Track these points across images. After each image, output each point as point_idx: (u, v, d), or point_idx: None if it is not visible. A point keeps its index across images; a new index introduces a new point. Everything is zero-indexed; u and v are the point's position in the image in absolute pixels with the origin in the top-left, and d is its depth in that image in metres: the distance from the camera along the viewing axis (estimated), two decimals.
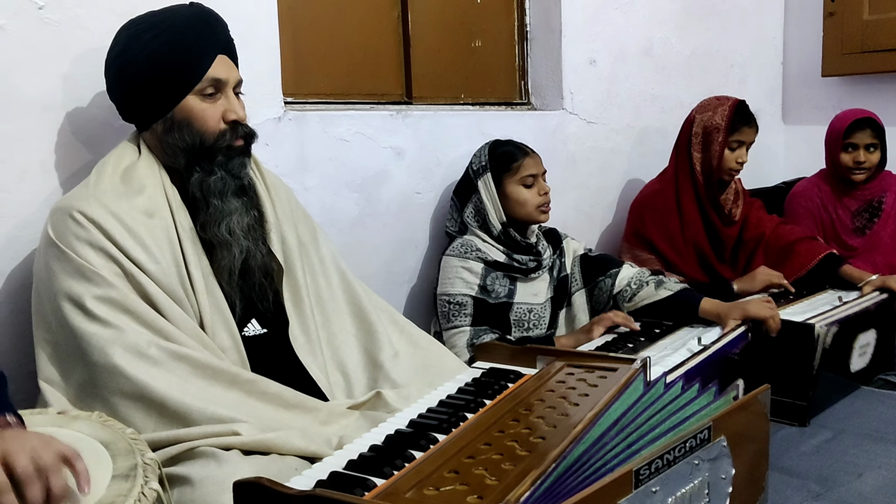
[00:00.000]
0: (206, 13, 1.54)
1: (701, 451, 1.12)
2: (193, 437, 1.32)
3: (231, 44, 1.58)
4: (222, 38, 1.55)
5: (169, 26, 1.48)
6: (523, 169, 2.14)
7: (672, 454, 1.06)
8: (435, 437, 1.17)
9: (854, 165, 2.77)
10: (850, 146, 2.77)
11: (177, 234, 1.49)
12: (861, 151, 2.76)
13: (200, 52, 1.50)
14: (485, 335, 2.01)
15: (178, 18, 1.50)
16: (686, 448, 1.09)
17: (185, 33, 1.49)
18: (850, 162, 2.78)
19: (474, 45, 2.66)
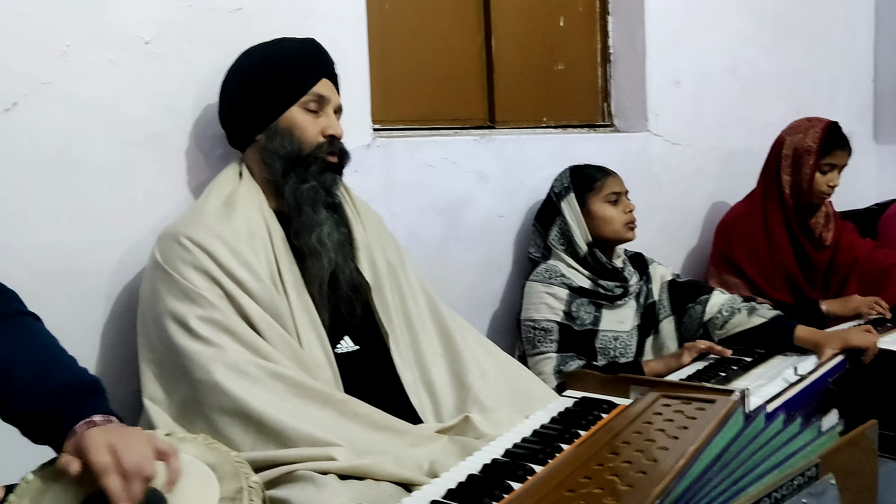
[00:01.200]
0: (315, 44, 1.67)
1: (809, 489, 1.09)
2: (291, 460, 1.36)
3: (335, 75, 1.68)
4: (327, 65, 1.66)
5: (280, 48, 1.63)
6: (606, 186, 2.14)
7: (780, 492, 1.04)
8: (532, 468, 1.17)
9: None
10: None
11: (273, 252, 1.55)
12: None
13: (307, 70, 1.62)
14: (571, 362, 2.00)
15: (289, 43, 1.65)
16: (793, 486, 1.06)
17: (295, 54, 1.62)
18: None
19: (557, 67, 2.66)
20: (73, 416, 1.06)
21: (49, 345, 1.17)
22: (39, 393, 1.08)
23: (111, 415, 1.09)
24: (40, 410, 1.07)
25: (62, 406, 1.07)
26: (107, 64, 1.64)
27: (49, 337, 1.19)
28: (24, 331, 1.17)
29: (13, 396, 1.08)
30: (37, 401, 1.07)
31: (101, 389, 1.13)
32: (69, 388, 1.09)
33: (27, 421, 1.09)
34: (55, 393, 1.08)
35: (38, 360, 1.12)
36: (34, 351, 1.13)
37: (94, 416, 1.06)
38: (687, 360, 2.00)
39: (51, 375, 1.10)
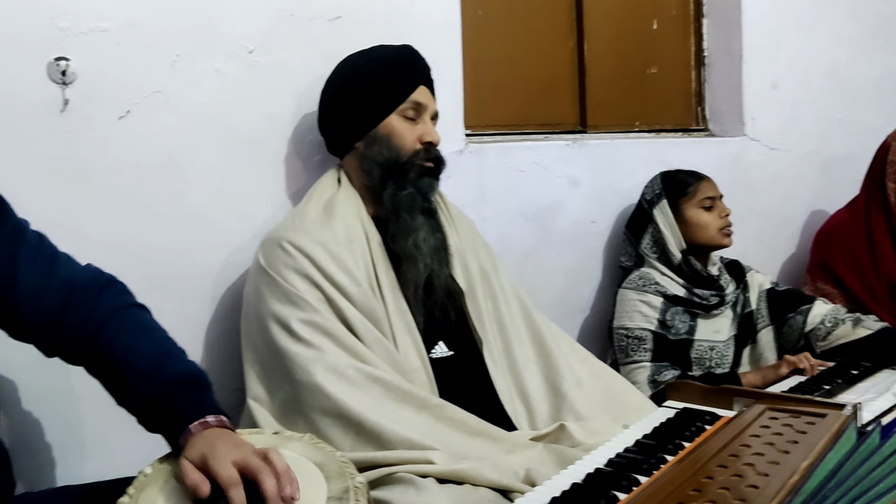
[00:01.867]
0: (413, 51, 1.69)
1: None
2: (390, 462, 1.37)
3: (432, 81, 1.70)
4: (425, 73, 1.68)
5: (380, 56, 1.66)
6: (700, 191, 2.09)
7: None
8: (637, 479, 1.15)
9: None
10: None
11: (371, 257, 1.58)
12: None
13: (406, 78, 1.64)
14: (666, 371, 1.95)
15: (388, 51, 1.68)
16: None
17: (393, 62, 1.65)
18: None
19: (650, 71, 2.62)
20: (185, 409, 1.10)
21: (161, 337, 1.21)
22: (153, 383, 1.11)
23: (221, 413, 1.12)
24: (154, 400, 1.11)
25: (174, 397, 1.11)
26: (213, 73, 1.70)
27: (160, 329, 1.23)
28: (138, 322, 1.21)
29: (130, 385, 1.12)
30: (151, 390, 1.11)
31: (208, 383, 1.17)
32: (181, 381, 1.13)
33: (141, 409, 1.13)
34: (168, 384, 1.11)
35: (152, 352, 1.16)
36: (148, 343, 1.17)
37: (207, 417, 1.09)
38: (784, 372, 1.93)
39: (164, 367, 1.13)
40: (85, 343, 1.17)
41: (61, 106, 1.55)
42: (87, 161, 1.59)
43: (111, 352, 1.15)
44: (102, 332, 1.16)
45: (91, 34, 1.57)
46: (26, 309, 1.16)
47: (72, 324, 1.17)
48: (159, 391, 1.11)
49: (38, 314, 1.16)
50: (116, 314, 1.19)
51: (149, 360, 1.14)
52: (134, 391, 1.13)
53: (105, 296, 1.21)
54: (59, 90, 1.55)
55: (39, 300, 1.16)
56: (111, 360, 1.14)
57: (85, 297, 1.19)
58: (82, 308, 1.17)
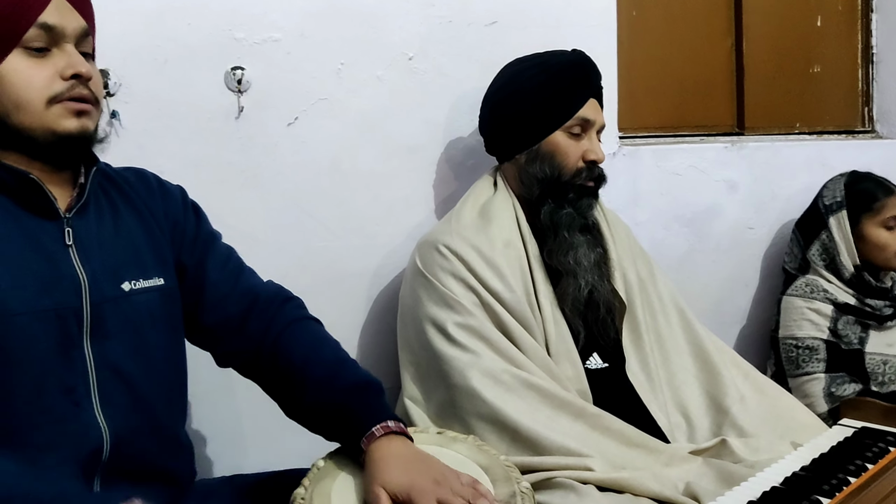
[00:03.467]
0: (586, 59, 1.62)
1: None
2: (548, 467, 1.36)
3: (601, 90, 1.64)
4: (595, 83, 1.62)
5: (552, 66, 1.59)
6: (886, 210, 1.94)
7: None
8: (819, 500, 1.08)
9: None
10: None
11: (528, 262, 1.56)
12: None
13: (575, 93, 1.58)
14: (846, 385, 1.83)
15: (561, 60, 1.61)
16: None
17: (564, 74, 1.58)
18: None
19: (812, 70, 2.48)
20: (366, 413, 1.12)
21: (336, 348, 1.24)
22: (332, 389, 1.15)
23: (398, 419, 1.14)
24: (334, 406, 1.14)
25: (354, 403, 1.14)
26: (375, 80, 1.75)
27: (334, 340, 1.26)
28: (314, 334, 1.26)
29: (308, 391, 1.16)
30: (329, 396, 1.15)
31: (383, 390, 1.19)
32: (359, 387, 1.16)
33: (320, 415, 1.17)
34: (345, 390, 1.15)
35: (328, 361, 1.20)
36: (325, 352, 1.22)
37: (388, 421, 1.11)
38: None
39: (341, 374, 1.17)
40: (263, 352, 1.22)
41: (237, 113, 1.64)
42: (258, 166, 1.67)
43: (289, 360, 1.19)
44: (281, 341, 1.21)
45: (264, 44, 1.65)
46: (209, 312, 1.22)
47: (251, 332, 1.22)
48: (339, 397, 1.14)
49: (219, 319, 1.23)
50: (294, 326, 1.24)
51: (326, 368, 1.18)
52: (312, 398, 1.16)
53: (285, 309, 1.26)
54: (235, 98, 1.63)
55: (223, 305, 1.23)
56: (289, 368, 1.19)
57: (266, 308, 1.24)
58: (263, 318, 1.23)
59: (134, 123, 1.57)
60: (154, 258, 1.18)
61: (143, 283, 1.16)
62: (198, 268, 1.22)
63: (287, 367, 1.20)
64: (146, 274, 1.16)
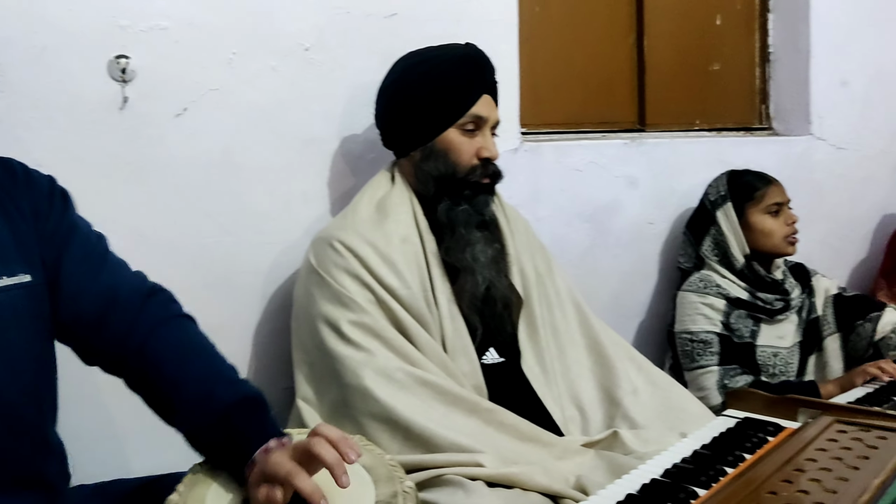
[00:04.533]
0: (479, 54, 1.61)
1: None
2: (439, 464, 1.35)
3: (496, 86, 1.63)
4: (489, 79, 1.61)
5: (444, 61, 1.57)
6: (768, 197, 2.01)
7: None
8: (694, 492, 1.10)
9: None
10: None
11: (425, 258, 1.55)
12: None
13: (468, 89, 1.56)
14: (738, 377, 1.88)
15: (453, 55, 1.59)
16: None
17: (457, 70, 1.56)
18: None
19: (712, 68, 2.54)
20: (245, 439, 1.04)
21: (210, 356, 1.15)
22: (207, 412, 1.06)
23: (281, 435, 1.07)
24: (209, 429, 1.06)
25: (231, 428, 1.05)
26: (269, 71, 1.70)
27: (209, 345, 1.17)
28: (184, 339, 1.16)
29: (182, 415, 1.08)
30: (205, 420, 1.06)
31: (264, 403, 1.11)
32: (237, 407, 1.07)
33: (199, 443, 1.09)
34: (223, 413, 1.06)
35: (202, 376, 1.11)
36: (198, 365, 1.13)
37: (269, 443, 1.03)
38: (860, 382, 1.85)
39: (218, 394, 1.08)
40: (127, 358, 1.13)
41: (121, 103, 1.57)
42: (143, 158, 1.60)
43: (158, 373, 1.10)
44: (147, 348, 1.12)
45: (151, 32, 1.58)
46: (64, 308, 1.13)
47: (112, 333, 1.13)
48: (214, 420, 1.05)
49: (74, 316, 1.14)
50: (160, 328, 1.15)
51: (200, 386, 1.09)
52: (185, 419, 1.08)
53: (149, 307, 1.17)
54: (119, 87, 1.57)
55: (78, 301, 1.14)
56: (157, 382, 1.10)
57: (127, 306, 1.15)
58: (124, 318, 1.14)
59: (10, 115, 1.49)
60: (19, 253, 1.11)
61: (7, 280, 1.08)
62: (56, 260, 1.14)
63: (155, 379, 1.11)
64: (10, 270, 1.09)
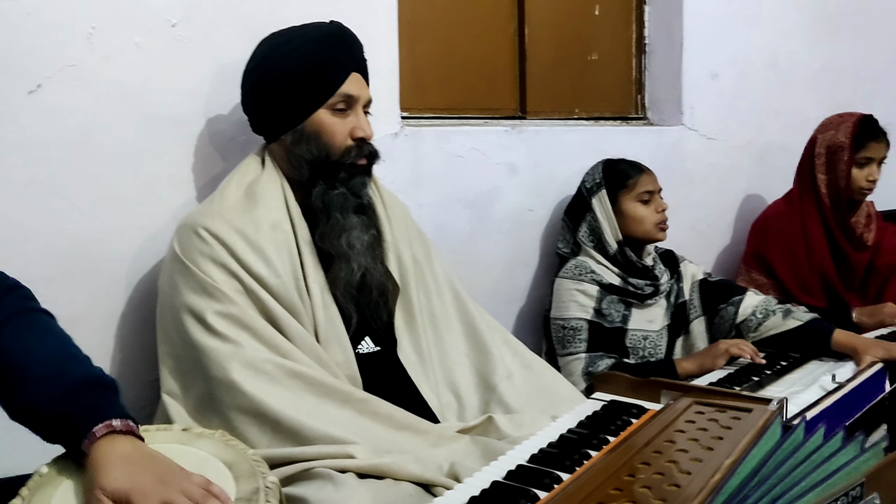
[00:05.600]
0: (344, 31, 1.57)
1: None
2: (308, 457, 1.32)
3: (365, 63, 1.60)
4: (357, 56, 1.57)
5: (308, 40, 1.52)
6: (640, 185, 2.07)
7: None
8: (559, 476, 1.12)
9: None
10: None
11: (297, 246, 1.51)
12: None
13: (336, 67, 1.52)
14: (600, 361, 1.94)
15: (318, 34, 1.54)
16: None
17: (322, 48, 1.52)
18: None
19: (590, 58, 2.59)
20: (85, 413, 1.02)
21: (65, 342, 1.13)
22: (56, 388, 1.04)
23: (128, 417, 1.05)
24: (55, 404, 1.04)
25: (78, 401, 1.04)
26: (133, 47, 1.61)
27: (64, 334, 1.15)
28: (40, 328, 1.14)
29: (28, 390, 1.05)
30: (53, 396, 1.04)
31: (115, 386, 1.09)
32: (85, 384, 1.06)
33: (41, 415, 1.05)
34: (71, 388, 1.04)
35: (54, 356, 1.09)
36: (50, 347, 1.10)
37: (113, 420, 1.02)
38: (721, 363, 1.94)
39: (68, 371, 1.07)
40: None
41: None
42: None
43: (8, 356, 1.07)
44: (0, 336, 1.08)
45: (0, 3, 1.47)
46: None
47: None
48: (61, 395, 1.04)
49: None
50: (17, 318, 1.12)
51: (51, 364, 1.07)
52: (32, 397, 1.04)
53: (6, 300, 1.13)
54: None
55: None
56: (7, 365, 1.06)
57: None
58: None
59: None
60: None
61: None
62: None
63: (5, 363, 1.07)
64: None
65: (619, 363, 1.94)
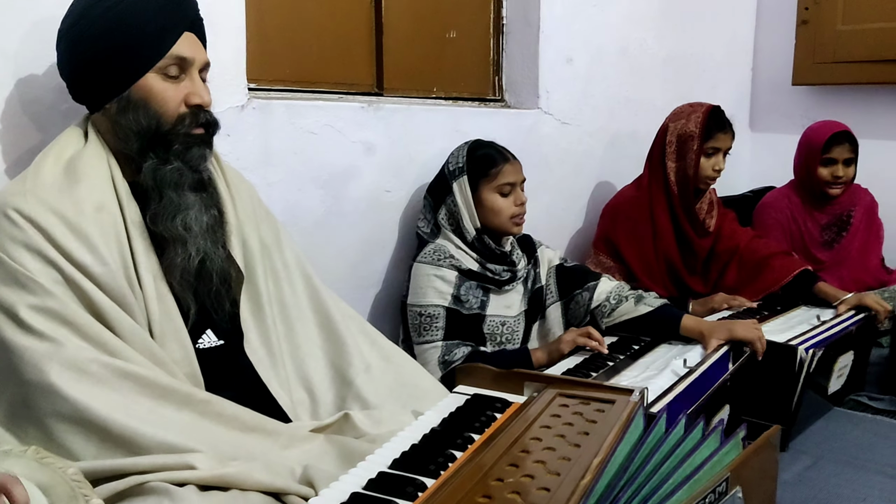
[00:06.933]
0: None
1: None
2: (142, 469, 1.17)
3: (200, 23, 1.43)
4: (191, 14, 1.40)
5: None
6: (502, 176, 2.02)
7: None
8: (423, 483, 1.05)
9: (832, 180, 2.74)
10: (829, 161, 2.74)
11: (125, 229, 1.34)
12: (840, 166, 2.73)
13: (166, 26, 1.34)
14: (457, 349, 1.89)
15: None
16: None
17: (150, 4, 1.33)
18: (828, 176, 2.74)
19: (449, 35, 2.52)
20: None
21: None
22: None
23: None
24: None
25: None
26: None
27: None
28: None
29: None
30: None
31: None
32: None
33: None
34: None
35: None
36: None
37: None
38: (566, 351, 1.93)
39: None
40: None
41: None
42: None
43: None
44: None
45: None
46: None
47: None
48: None
49: None
50: None
51: None
52: None
53: None
54: None
55: None
56: None
57: None
58: None
59: None
60: None
61: None
62: None
63: None
64: None
65: (476, 352, 1.89)
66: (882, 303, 2.31)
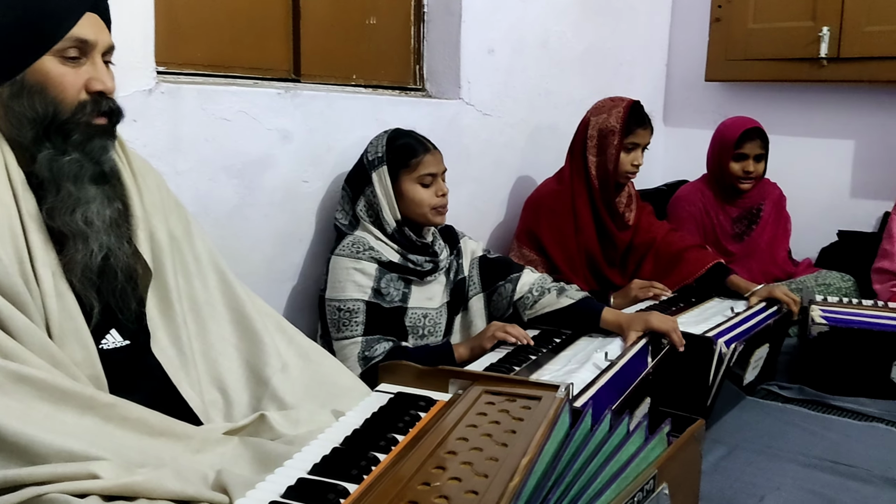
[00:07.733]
0: None
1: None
2: (40, 479, 1.08)
3: (104, 3, 1.32)
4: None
5: None
6: (422, 166, 1.97)
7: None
8: (345, 489, 1.00)
9: (743, 175, 2.81)
10: (741, 156, 2.81)
11: (21, 223, 1.23)
12: (751, 161, 2.80)
13: (64, 5, 1.24)
14: (377, 345, 1.84)
15: None
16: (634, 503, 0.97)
17: None
18: (739, 171, 2.81)
19: (369, 22, 2.46)
20: None
21: None
22: None
23: None
24: None
25: None
26: None
27: None
28: None
29: None
30: None
31: None
32: None
33: None
34: None
35: None
36: None
37: None
38: (488, 346, 1.91)
39: None
40: None
41: None
42: None
43: None
44: None
45: None
46: None
47: None
48: None
49: None
50: None
51: None
52: None
53: None
54: None
55: None
56: None
57: None
58: None
59: None
60: None
61: None
62: None
63: None
64: None
65: (397, 347, 1.85)
66: (791, 295, 2.38)
